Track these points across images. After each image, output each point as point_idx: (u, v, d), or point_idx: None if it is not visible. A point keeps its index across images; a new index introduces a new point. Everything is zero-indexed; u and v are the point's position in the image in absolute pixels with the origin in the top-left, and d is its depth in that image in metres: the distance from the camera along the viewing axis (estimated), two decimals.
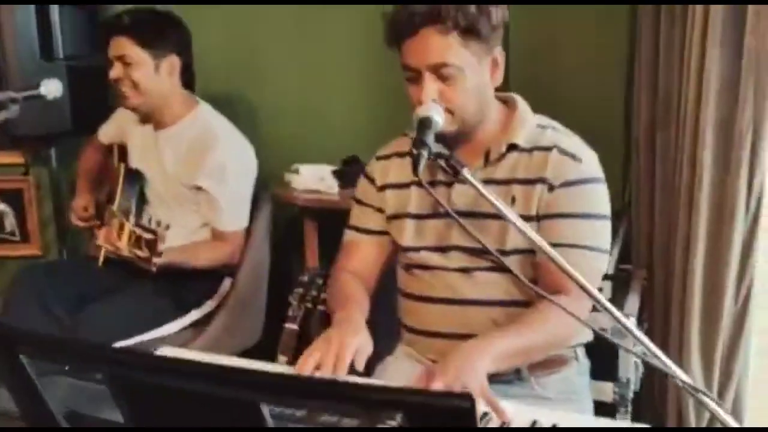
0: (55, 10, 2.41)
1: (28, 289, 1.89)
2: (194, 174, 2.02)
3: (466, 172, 1.18)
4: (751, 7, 1.74)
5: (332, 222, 2.37)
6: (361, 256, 1.51)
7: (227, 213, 2.03)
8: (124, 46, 2.00)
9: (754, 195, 1.82)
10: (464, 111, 1.32)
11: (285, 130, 2.60)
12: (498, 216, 1.27)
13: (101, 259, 2.02)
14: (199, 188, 2.02)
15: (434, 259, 1.41)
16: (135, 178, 2.11)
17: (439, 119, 1.25)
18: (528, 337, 1.27)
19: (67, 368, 0.93)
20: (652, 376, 1.96)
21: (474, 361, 1.17)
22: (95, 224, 2.17)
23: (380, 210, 1.49)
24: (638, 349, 1.18)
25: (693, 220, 1.88)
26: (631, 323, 1.10)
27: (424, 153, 1.16)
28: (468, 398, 0.61)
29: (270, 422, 0.70)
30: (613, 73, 2.22)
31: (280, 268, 2.36)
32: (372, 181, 1.51)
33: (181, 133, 2.10)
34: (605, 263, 1.37)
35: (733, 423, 1.00)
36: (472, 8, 1.28)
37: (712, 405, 1.00)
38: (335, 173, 2.26)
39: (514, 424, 1.05)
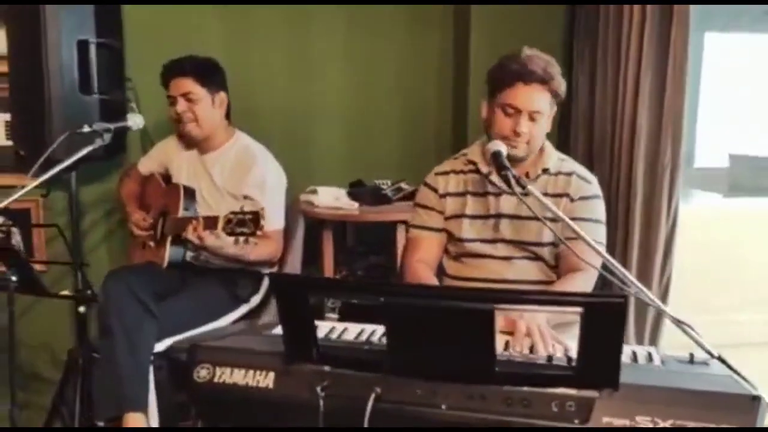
0: (92, 50, 2.73)
1: (121, 283, 2.22)
2: (240, 186, 2.48)
3: (531, 188, 1.74)
4: (669, 75, 2.45)
5: (342, 232, 2.92)
6: (426, 248, 2.04)
7: (269, 215, 2.45)
8: (188, 85, 2.46)
9: (672, 211, 2.53)
10: (536, 143, 1.94)
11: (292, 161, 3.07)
12: (535, 218, 1.84)
13: (165, 262, 2.39)
14: (245, 197, 2.46)
15: (484, 248, 1.97)
16: (191, 193, 2.52)
17: (504, 150, 1.82)
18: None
19: None
20: None
21: (533, 315, 1.72)
22: (150, 234, 2.54)
23: (441, 212, 2.04)
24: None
25: (629, 230, 2.57)
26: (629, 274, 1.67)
27: (509, 173, 1.72)
28: (624, 297, 1.17)
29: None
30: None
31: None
32: (435, 190, 2.06)
33: (225, 155, 2.55)
34: (602, 250, 1.97)
35: (711, 350, 1.54)
36: (563, 80, 1.92)
37: (695, 335, 1.59)
38: (350, 194, 2.76)
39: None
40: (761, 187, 3.43)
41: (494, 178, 1.98)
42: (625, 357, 1.52)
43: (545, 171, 1.99)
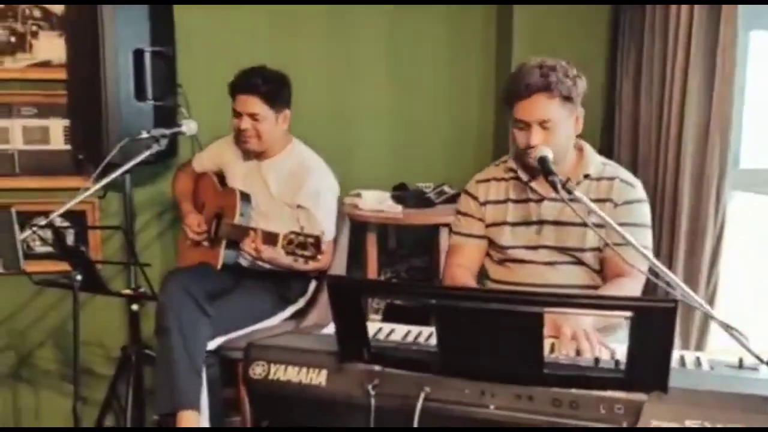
0: (147, 58, 2.82)
1: (178, 283, 2.31)
2: (296, 195, 2.52)
3: (577, 192, 1.74)
4: (717, 77, 2.42)
5: (384, 235, 2.97)
6: (467, 254, 2.08)
7: (323, 226, 2.51)
8: (255, 104, 2.50)
9: (719, 216, 2.51)
10: (561, 148, 1.93)
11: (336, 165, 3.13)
12: (577, 223, 1.87)
13: (220, 264, 2.47)
14: (299, 206, 2.50)
15: (527, 254, 1.99)
16: (248, 198, 2.57)
17: (551, 155, 1.84)
18: None
19: None
20: None
21: (578, 319, 1.73)
22: (205, 238, 2.62)
23: (481, 220, 2.07)
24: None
25: (675, 236, 2.55)
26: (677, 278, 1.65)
27: (556, 179, 1.73)
28: (675, 302, 1.18)
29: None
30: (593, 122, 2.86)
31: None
32: (475, 198, 2.09)
33: (282, 163, 2.60)
34: (649, 254, 1.97)
35: (761, 355, 1.51)
36: (569, 81, 1.89)
37: (744, 340, 1.57)
38: (394, 197, 2.81)
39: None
40: None
41: (534, 184, 2.00)
42: (674, 362, 1.53)
43: (587, 176, 1.99)
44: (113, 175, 2.28)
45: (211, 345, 2.31)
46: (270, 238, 2.14)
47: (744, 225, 2.79)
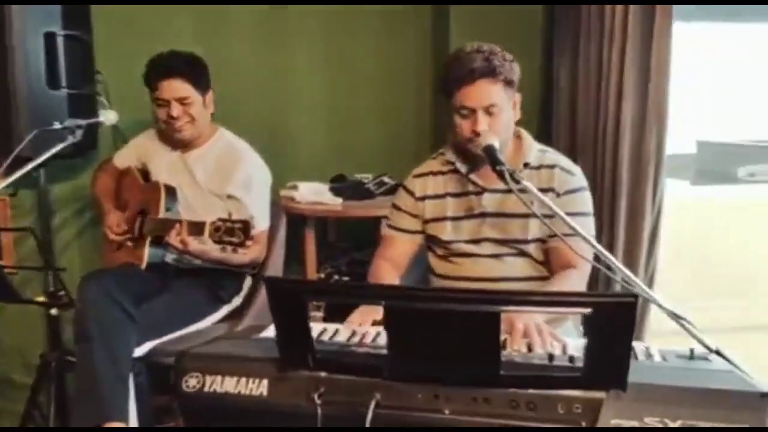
0: (60, 42, 2.61)
1: (98, 286, 2.12)
2: (225, 185, 2.39)
3: (525, 182, 1.67)
4: (653, 64, 2.43)
5: (323, 229, 2.86)
6: (396, 248, 2.02)
7: (255, 216, 2.38)
8: (183, 88, 2.36)
9: (657, 202, 2.53)
10: (506, 134, 1.88)
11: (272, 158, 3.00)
12: (519, 215, 1.83)
13: (144, 263, 2.31)
14: (229, 196, 2.37)
15: (470, 248, 1.93)
16: (173, 192, 2.42)
17: (497, 144, 1.77)
18: None
19: None
20: None
21: (530, 314, 1.67)
22: (128, 237, 2.44)
23: (416, 216, 2.00)
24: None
25: (614, 222, 2.56)
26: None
27: (504, 168, 1.66)
28: (634, 296, 1.13)
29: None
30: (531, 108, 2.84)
31: None
32: (411, 193, 2.02)
33: (208, 153, 2.47)
34: (597, 244, 1.94)
35: (708, 342, 1.49)
36: (508, 65, 1.84)
37: (693, 329, 1.55)
38: (332, 189, 2.70)
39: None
40: (728, 174, 3.46)
41: (474, 176, 1.94)
42: None
43: (526, 165, 1.94)
44: (22, 171, 2.09)
45: (139, 351, 2.15)
46: (196, 228, 2.01)
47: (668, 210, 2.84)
